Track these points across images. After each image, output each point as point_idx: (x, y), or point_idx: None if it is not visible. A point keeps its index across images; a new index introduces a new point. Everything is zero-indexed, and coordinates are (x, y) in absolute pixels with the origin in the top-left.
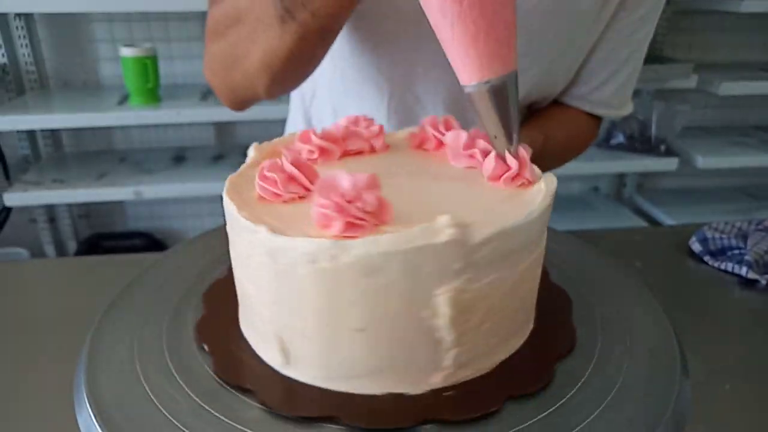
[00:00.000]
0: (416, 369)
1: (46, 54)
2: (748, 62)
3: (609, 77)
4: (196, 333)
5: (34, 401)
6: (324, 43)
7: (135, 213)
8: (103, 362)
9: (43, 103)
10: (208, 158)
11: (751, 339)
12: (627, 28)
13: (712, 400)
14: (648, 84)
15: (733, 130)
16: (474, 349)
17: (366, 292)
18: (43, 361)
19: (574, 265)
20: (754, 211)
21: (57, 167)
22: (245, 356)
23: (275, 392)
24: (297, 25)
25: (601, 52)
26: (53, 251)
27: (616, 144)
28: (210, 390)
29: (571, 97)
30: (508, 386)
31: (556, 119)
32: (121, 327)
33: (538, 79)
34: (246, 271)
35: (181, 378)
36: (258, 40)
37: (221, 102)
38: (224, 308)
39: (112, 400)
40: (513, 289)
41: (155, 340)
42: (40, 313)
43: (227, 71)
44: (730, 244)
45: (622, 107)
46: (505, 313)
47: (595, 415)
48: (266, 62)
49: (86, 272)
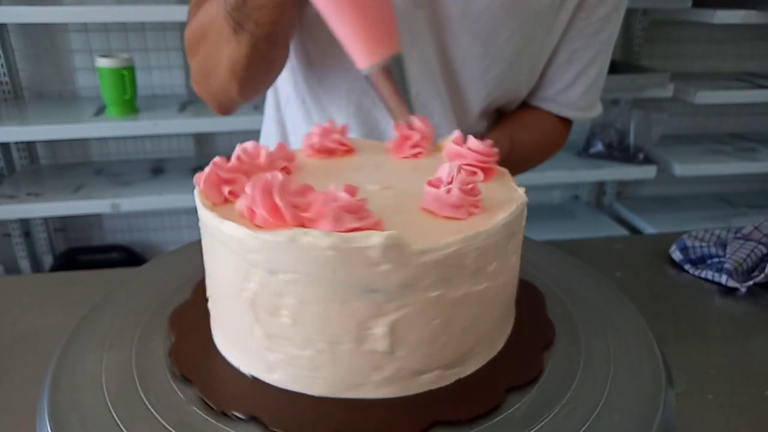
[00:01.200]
0: None
1: (20, 64)
2: (723, 71)
3: (575, 79)
4: (167, 357)
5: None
6: (275, 47)
7: (112, 226)
8: (68, 384)
9: (18, 115)
10: (186, 170)
11: (733, 348)
12: (589, 29)
13: (694, 411)
14: (625, 93)
15: (709, 138)
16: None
17: None
18: (9, 382)
19: (553, 276)
20: (732, 217)
21: (32, 180)
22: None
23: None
24: (247, 35)
25: (564, 53)
26: (29, 266)
27: (595, 153)
28: (181, 414)
29: (539, 99)
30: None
31: (524, 122)
32: (89, 347)
33: (499, 81)
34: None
35: (149, 401)
36: (221, 51)
37: (210, 109)
38: (195, 330)
39: (75, 423)
40: None
41: (123, 360)
42: (10, 331)
43: (206, 81)
44: (710, 252)
45: (590, 109)
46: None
47: (581, 430)
48: (231, 69)
49: (60, 288)
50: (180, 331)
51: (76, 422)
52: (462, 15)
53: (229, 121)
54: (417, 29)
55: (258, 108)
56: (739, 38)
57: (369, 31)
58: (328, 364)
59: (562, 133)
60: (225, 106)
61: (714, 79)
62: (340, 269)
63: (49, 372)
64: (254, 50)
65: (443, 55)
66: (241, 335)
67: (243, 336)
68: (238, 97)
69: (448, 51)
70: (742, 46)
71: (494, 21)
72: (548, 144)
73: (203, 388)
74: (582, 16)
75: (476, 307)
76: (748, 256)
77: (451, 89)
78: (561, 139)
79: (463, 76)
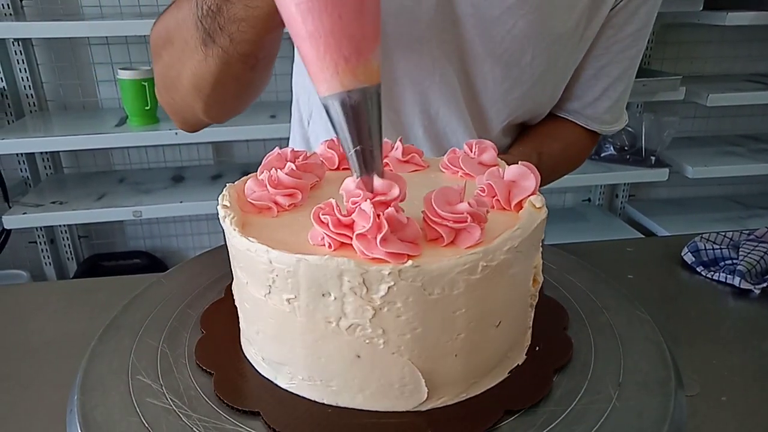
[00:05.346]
0: (522, 338)
1: (44, 78)
2: (734, 73)
3: (601, 94)
4: (195, 355)
5: (28, 427)
6: (250, 68)
7: (135, 233)
8: (97, 387)
9: (43, 126)
10: (206, 177)
11: (746, 349)
12: (616, 45)
13: (708, 413)
14: (637, 97)
15: (721, 139)
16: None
17: (505, 286)
18: (38, 386)
19: (565, 280)
20: (745, 219)
21: (57, 189)
22: (250, 377)
23: (280, 415)
24: (219, 50)
25: (591, 69)
26: (53, 272)
27: (607, 156)
28: (207, 414)
29: (564, 111)
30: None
31: (551, 133)
32: (116, 351)
33: (521, 101)
34: (365, 328)
35: (175, 403)
36: (186, 62)
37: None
38: (222, 331)
39: (105, 425)
40: None
41: (150, 363)
42: (37, 337)
43: (167, 92)
44: (723, 254)
45: (616, 122)
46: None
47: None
48: (195, 85)
49: (84, 295)
50: (209, 328)
51: (106, 425)
52: (484, 39)
53: (247, 130)
54: (439, 52)
55: (275, 117)
56: (750, 39)
57: (339, 49)
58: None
59: (588, 144)
60: (189, 122)
61: (726, 81)
62: None
63: (78, 376)
64: (225, 69)
65: (465, 77)
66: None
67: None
68: (204, 116)
69: (470, 73)
70: (753, 47)
71: (517, 44)
72: (575, 155)
73: (225, 389)
74: (610, 33)
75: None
76: (761, 258)
77: (473, 109)
78: (587, 150)
79: (485, 96)
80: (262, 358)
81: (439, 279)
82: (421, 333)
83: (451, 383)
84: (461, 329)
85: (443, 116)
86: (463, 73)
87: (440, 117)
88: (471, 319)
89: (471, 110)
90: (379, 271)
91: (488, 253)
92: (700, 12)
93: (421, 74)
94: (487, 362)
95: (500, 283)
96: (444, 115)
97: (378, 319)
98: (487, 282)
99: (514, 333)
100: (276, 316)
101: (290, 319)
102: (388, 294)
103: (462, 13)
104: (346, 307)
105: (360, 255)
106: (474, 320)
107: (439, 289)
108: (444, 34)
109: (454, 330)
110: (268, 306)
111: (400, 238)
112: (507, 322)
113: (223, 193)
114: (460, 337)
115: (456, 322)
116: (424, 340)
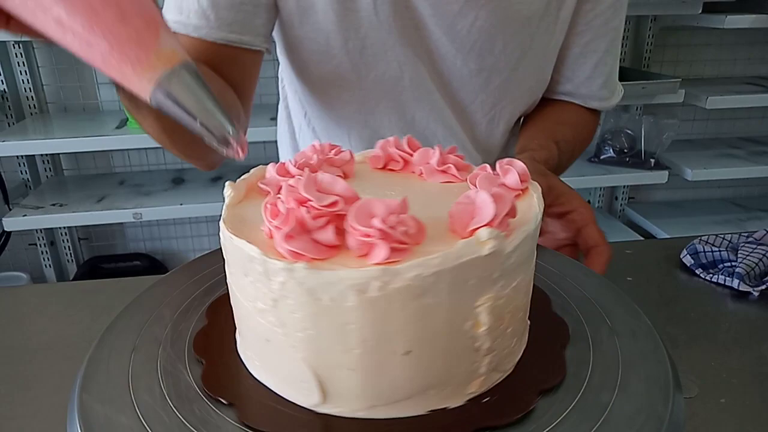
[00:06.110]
0: (457, 381)
1: (45, 80)
2: (733, 76)
3: (593, 71)
4: (194, 348)
5: (28, 428)
6: (191, 146)
7: (135, 235)
8: (97, 389)
9: (43, 128)
10: (206, 180)
11: (745, 351)
12: (598, 19)
13: (707, 415)
14: (636, 99)
15: (720, 142)
16: (501, 353)
17: (414, 314)
18: (38, 388)
19: (563, 281)
20: (745, 221)
21: (57, 191)
22: (265, 397)
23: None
24: (138, 114)
25: (576, 47)
26: (53, 274)
27: (606, 158)
28: (204, 418)
29: (561, 94)
30: (535, 382)
31: (559, 120)
32: (116, 353)
33: (504, 89)
34: (269, 314)
35: (175, 404)
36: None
37: None
38: (223, 326)
39: (105, 427)
40: (528, 288)
41: (150, 365)
42: (37, 339)
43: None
44: (721, 257)
45: (613, 96)
46: (522, 313)
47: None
48: (158, 140)
49: (84, 297)
50: (211, 319)
51: (106, 427)
52: (450, 35)
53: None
54: (405, 56)
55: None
56: (749, 42)
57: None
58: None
59: (593, 122)
60: (205, 165)
61: (725, 84)
62: None
63: (79, 378)
64: (159, 138)
65: (438, 77)
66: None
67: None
68: (200, 168)
69: (443, 71)
70: (752, 50)
71: (484, 35)
72: (586, 136)
73: (236, 402)
74: (588, 8)
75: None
76: (760, 260)
77: (454, 107)
78: (594, 128)
79: (463, 91)
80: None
81: (327, 287)
82: (313, 335)
83: (347, 396)
84: (355, 345)
85: (420, 119)
86: (435, 72)
87: (417, 120)
88: (367, 338)
89: (453, 109)
90: (274, 264)
91: (388, 274)
92: (699, 15)
93: (390, 81)
94: (394, 390)
95: (404, 309)
96: (421, 118)
97: (278, 310)
98: (387, 304)
99: (437, 371)
100: (231, 294)
101: (232, 297)
102: (283, 289)
103: (421, 14)
104: (258, 291)
105: (273, 246)
106: (371, 340)
107: (329, 298)
108: (407, 38)
109: (347, 342)
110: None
111: (314, 239)
112: (423, 355)
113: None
114: (355, 353)
115: (349, 336)
116: (318, 343)
